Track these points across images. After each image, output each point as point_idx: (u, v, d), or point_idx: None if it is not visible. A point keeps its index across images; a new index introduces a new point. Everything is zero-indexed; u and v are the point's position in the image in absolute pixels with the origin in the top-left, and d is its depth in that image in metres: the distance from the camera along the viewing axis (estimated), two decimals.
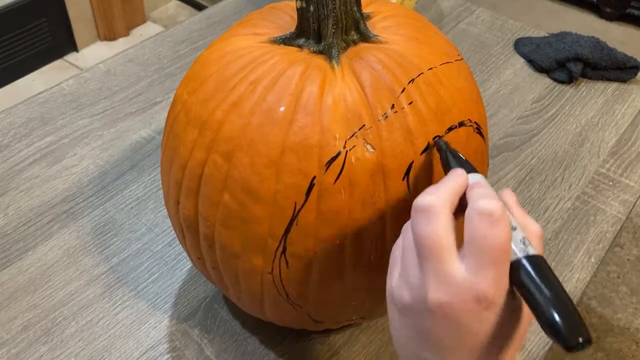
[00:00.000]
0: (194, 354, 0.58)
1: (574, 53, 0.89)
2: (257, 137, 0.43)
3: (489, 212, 0.34)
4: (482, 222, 0.34)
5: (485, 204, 0.34)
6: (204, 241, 0.48)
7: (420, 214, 0.35)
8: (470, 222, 0.34)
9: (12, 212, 0.71)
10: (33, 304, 0.62)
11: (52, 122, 0.82)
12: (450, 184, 0.37)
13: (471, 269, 0.34)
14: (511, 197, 0.40)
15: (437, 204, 0.35)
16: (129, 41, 2.16)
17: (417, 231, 0.35)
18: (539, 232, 0.38)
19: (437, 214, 0.35)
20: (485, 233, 0.33)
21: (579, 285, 0.65)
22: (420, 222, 0.35)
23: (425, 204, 0.35)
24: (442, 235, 0.34)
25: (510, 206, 0.39)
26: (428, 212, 0.35)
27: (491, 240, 0.33)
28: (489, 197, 0.35)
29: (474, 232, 0.34)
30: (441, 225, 0.35)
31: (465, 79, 0.49)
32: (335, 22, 0.46)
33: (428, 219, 0.35)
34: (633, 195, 0.75)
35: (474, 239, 0.34)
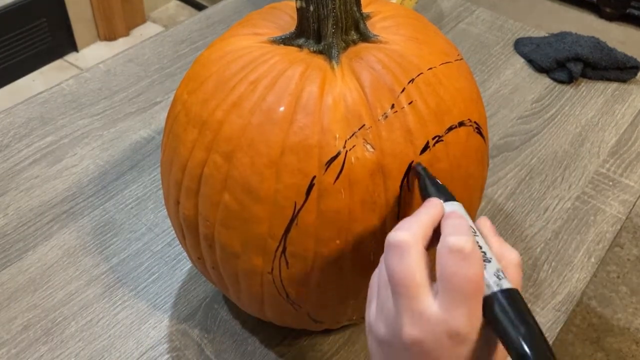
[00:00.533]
0: (194, 354, 0.58)
1: (574, 53, 0.89)
2: (257, 137, 0.43)
3: (458, 249, 0.34)
4: (452, 259, 0.34)
5: (455, 240, 0.34)
6: (204, 241, 0.48)
7: (393, 250, 0.35)
8: (441, 259, 0.34)
9: (12, 212, 0.71)
10: (33, 304, 0.62)
11: (52, 122, 0.82)
12: (423, 218, 0.37)
13: (444, 305, 0.34)
14: (487, 225, 0.39)
15: (409, 239, 0.35)
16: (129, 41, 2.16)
17: (390, 268, 0.35)
18: (517, 260, 0.37)
19: (409, 250, 0.35)
20: (456, 270, 0.34)
21: (579, 285, 0.65)
22: (393, 259, 0.35)
23: (398, 240, 0.35)
24: (414, 271, 0.35)
25: (486, 235, 0.39)
26: (400, 248, 0.35)
27: (462, 277, 0.33)
28: (460, 231, 0.35)
29: (444, 269, 0.34)
30: (413, 261, 0.35)
31: (465, 79, 0.49)
32: (335, 22, 0.46)
33: (400, 255, 0.35)
34: (633, 195, 0.75)
35: (444, 276, 0.34)
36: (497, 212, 0.72)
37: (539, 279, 0.65)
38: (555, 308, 0.63)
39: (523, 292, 0.63)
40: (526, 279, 0.65)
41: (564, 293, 0.64)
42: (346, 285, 0.47)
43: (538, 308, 0.62)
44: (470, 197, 0.49)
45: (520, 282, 0.37)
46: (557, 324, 0.61)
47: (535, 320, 0.33)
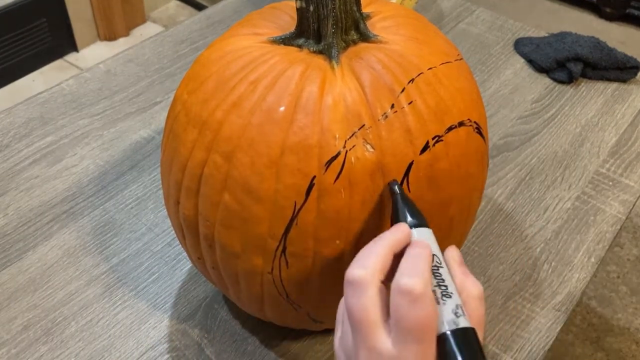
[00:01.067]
0: (194, 354, 0.58)
1: (574, 53, 0.89)
2: (257, 137, 0.43)
3: (408, 290, 0.34)
4: (402, 300, 0.34)
5: (407, 281, 0.34)
6: (204, 241, 0.48)
7: (350, 287, 0.36)
8: (393, 299, 0.35)
9: (12, 212, 0.71)
10: (33, 304, 0.62)
11: (52, 122, 0.82)
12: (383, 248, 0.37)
13: (396, 343, 0.34)
14: (454, 255, 0.40)
15: (365, 277, 0.36)
16: (129, 41, 2.16)
17: (348, 305, 0.36)
18: (478, 293, 0.38)
19: (366, 287, 0.36)
20: (406, 312, 0.34)
21: (578, 285, 0.65)
22: (350, 295, 0.36)
23: (355, 277, 0.36)
24: (369, 310, 0.35)
25: (451, 265, 0.39)
26: (357, 285, 0.36)
27: (411, 319, 0.34)
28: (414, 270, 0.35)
29: (395, 310, 0.35)
30: (369, 299, 0.35)
31: (465, 79, 0.49)
32: (335, 22, 0.46)
33: (356, 292, 0.36)
34: (633, 195, 0.75)
35: (395, 317, 0.34)
36: (497, 212, 0.72)
37: (539, 279, 0.65)
38: (555, 308, 0.63)
39: (523, 292, 0.64)
40: (526, 279, 0.65)
41: (564, 293, 0.64)
42: None
43: (538, 308, 0.62)
44: (470, 197, 0.49)
45: (481, 316, 0.37)
46: (557, 324, 0.61)
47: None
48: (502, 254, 0.68)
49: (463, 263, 0.40)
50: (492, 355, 0.59)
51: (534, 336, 0.60)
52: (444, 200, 0.46)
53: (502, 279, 0.65)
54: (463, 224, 0.50)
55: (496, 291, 0.64)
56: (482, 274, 0.66)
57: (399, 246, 0.38)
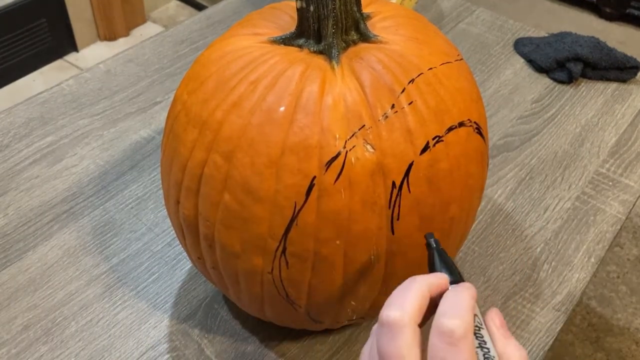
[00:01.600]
0: (194, 354, 0.58)
1: (574, 53, 0.89)
2: (257, 137, 0.43)
3: (449, 332, 0.33)
4: (441, 343, 0.33)
5: (447, 322, 0.33)
6: (204, 241, 0.48)
7: (385, 329, 0.34)
8: (431, 341, 0.33)
9: (12, 212, 0.71)
10: (33, 304, 0.62)
11: (52, 122, 0.82)
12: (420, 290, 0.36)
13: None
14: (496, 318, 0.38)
15: (402, 319, 0.34)
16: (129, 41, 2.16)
17: (381, 348, 0.34)
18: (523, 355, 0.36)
19: (402, 330, 0.34)
20: (443, 355, 0.33)
21: (578, 285, 0.65)
22: (384, 338, 0.34)
23: (391, 320, 0.34)
24: (404, 354, 0.33)
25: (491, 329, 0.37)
26: (393, 327, 0.34)
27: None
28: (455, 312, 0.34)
29: (432, 353, 0.33)
30: (405, 343, 0.34)
31: (465, 79, 0.49)
32: (335, 22, 0.46)
33: (392, 335, 0.34)
34: (633, 195, 0.75)
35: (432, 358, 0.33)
36: (497, 212, 0.72)
37: (539, 279, 0.65)
38: (555, 308, 0.63)
39: (523, 292, 0.64)
40: (526, 279, 0.65)
41: (563, 293, 0.64)
42: (346, 285, 0.47)
43: (538, 308, 0.62)
44: (470, 197, 0.49)
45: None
46: (557, 324, 0.61)
47: None
48: (502, 254, 0.68)
49: (505, 326, 0.37)
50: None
51: (534, 336, 0.60)
52: (444, 200, 0.46)
53: (502, 279, 0.65)
54: (463, 224, 0.51)
55: (496, 291, 0.64)
56: (482, 274, 0.66)
57: (436, 290, 0.37)
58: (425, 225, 0.46)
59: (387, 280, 0.48)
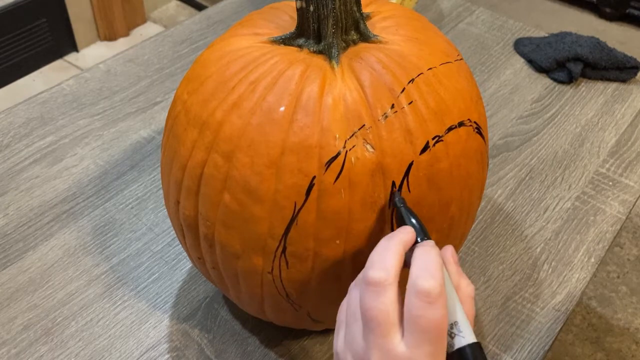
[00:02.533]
0: (194, 354, 0.58)
1: (574, 53, 0.89)
2: (257, 137, 0.43)
3: (426, 292, 0.35)
4: (419, 302, 0.35)
5: (424, 283, 0.35)
6: (204, 241, 0.48)
7: (370, 288, 0.36)
8: (409, 301, 0.36)
9: (12, 212, 0.71)
10: (33, 304, 0.62)
11: (52, 122, 0.82)
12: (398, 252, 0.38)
13: (410, 345, 0.35)
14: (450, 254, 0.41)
15: (387, 279, 0.36)
16: (129, 41, 2.16)
17: (366, 305, 0.36)
18: (471, 293, 0.39)
19: (386, 289, 0.36)
20: (422, 313, 0.35)
21: (578, 285, 0.65)
22: (369, 296, 0.36)
23: (375, 279, 0.36)
24: (389, 310, 0.36)
25: (447, 263, 0.40)
26: (377, 286, 0.36)
27: (427, 319, 0.35)
28: (429, 272, 0.36)
29: (411, 311, 0.35)
30: (388, 300, 0.36)
31: (465, 79, 0.49)
32: (335, 22, 0.46)
33: (377, 293, 0.36)
34: (633, 195, 0.75)
35: (411, 317, 0.35)
36: (497, 212, 0.72)
37: (539, 279, 0.65)
38: (555, 308, 0.63)
39: (523, 292, 0.64)
40: (526, 279, 0.65)
41: (563, 293, 0.64)
42: (346, 285, 0.47)
43: (538, 308, 0.62)
44: (470, 197, 0.49)
45: (473, 315, 0.39)
46: (557, 324, 0.61)
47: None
48: (502, 254, 0.68)
49: (457, 262, 0.41)
50: (492, 355, 0.59)
51: (534, 336, 0.60)
52: (444, 200, 0.46)
53: (502, 279, 0.65)
54: (463, 224, 0.51)
55: (496, 291, 0.64)
56: (482, 274, 0.66)
57: (407, 246, 0.39)
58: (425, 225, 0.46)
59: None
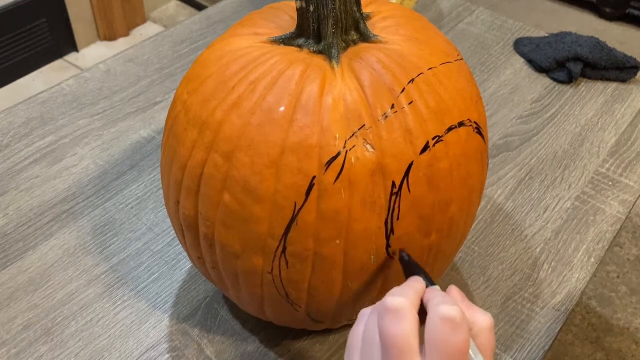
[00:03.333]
0: (194, 353, 0.58)
1: (574, 53, 0.89)
2: (257, 137, 0.43)
3: (451, 318, 0.36)
4: (444, 327, 0.36)
5: (448, 310, 0.36)
6: (204, 241, 0.48)
7: (391, 314, 0.37)
8: (433, 326, 0.36)
9: (12, 212, 0.71)
10: (33, 304, 0.62)
11: (52, 122, 0.82)
12: (416, 287, 0.40)
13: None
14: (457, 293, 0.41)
15: (407, 305, 0.37)
16: (129, 41, 2.16)
17: (387, 330, 0.37)
18: (489, 324, 0.39)
19: (407, 315, 0.37)
20: (447, 338, 0.35)
21: (578, 285, 0.65)
22: (391, 322, 0.37)
23: (396, 305, 0.37)
24: (410, 336, 0.36)
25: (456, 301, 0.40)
26: (398, 312, 0.37)
27: (452, 345, 0.35)
28: (450, 303, 0.37)
29: (435, 337, 0.36)
30: (409, 326, 0.37)
31: (465, 79, 0.49)
32: (335, 22, 0.46)
33: (398, 319, 0.37)
34: (633, 195, 0.75)
35: (435, 342, 0.36)
36: (497, 212, 0.72)
37: (538, 278, 0.65)
38: (555, 308, 0.63)
39: (523, 292, 0.64)
40: (526, 279, 0.65)
41: (563, 293, 0.64)
42: (346, 285, 0.47)
43: (538, 308, 0.62)
44: (470, 197, 0.49)
45: (493, 346, 0.39)
46: (557, 324, 0.61)
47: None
48: (502, 254, 0.68)
49: (465, 298, 0.41)
50: None
51: (534, 336, 0.60)
52: (444, 200, 0.46)
53: (502, 279, 0.65)
54: (463, 224, 0.51)
55: (496, 291, 0.64)
56: (482, 274, 0.66)
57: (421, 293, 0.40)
58: (425, 225, 0.46)
59: (387, 280, 0.48)
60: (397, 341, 0.36)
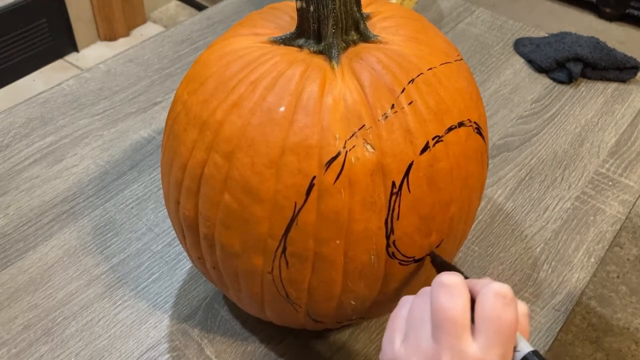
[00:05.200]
0: (194, 353, 0.58)
1: (574, 53, 0.89)
2: (257, 137, 0.43)
3: (504, 294, 0.37)
4: (497, 303, 0.37)
5: (501, 286, 0.37)
6: (204, 241, 0.48)
7: (446, 290, 0.38)
8: (486, 302, 0.37)
9: (12, 212, 0.71)
10: (33, 304, 0.62)
11: (53, 122, 0.82)
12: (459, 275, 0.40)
13: (482, 346, 0.36)
14: None
15: (462, 283, 0.38)
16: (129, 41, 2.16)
17: (441, 304, 0.38)
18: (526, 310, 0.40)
19: (461, 291, 0.38)
20: (500, 314, 0.36)
21: (578, 285, 0.65)
22: (445, 297, 0.38)
23: (451, 282, 0.38)
24: (464, 311, 0.37)
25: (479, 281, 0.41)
26: (453, 289, 0.38)
27: (504, 321, 0.36)
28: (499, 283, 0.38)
29: (488, 313, 0.37)
30: (463, 301, 0.38)
31: (465, 79, 0.49)
32: (335, 22, 0.46)
33: (452, 295, 0.38)
34: (633, 195, 0.75)
35: (487, 318, 0.37)
36: (497, 212, 0.72)
37: (538, 278, 0.65)
38: (554, 308, 0.63)
39: (523, 292, 0.64)
40: (526, 279, 0.65)
41: (563, 293, 0.64)
42: (346, 285, 0.47)
43: (538, 308, 0.62)
44: (470, 197, 0.49)
45: (528, 331, 0.40)
46: (556, 323, 0.61)
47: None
48: (502, 254, 0.68)
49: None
50: None
51: (533, 336, 0.60)
52: (444, 200, 0.46)
53: (502, 279, 0.65)
54: (463, 224, 0.51)
55: None
56: (482, 274, 0.66)
57: None
58: (425, 225, 0.46)
59: (387, 280, 0.48)
60: (452, 314, 0.37)
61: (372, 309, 0.52)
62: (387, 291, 0.49)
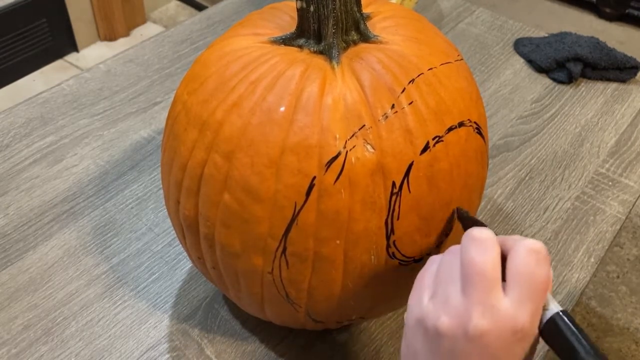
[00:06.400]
0: (194, 353, 0.58)
1: (574, 53, 0.89)
2: (257, 137, 0.43)
3: (537, 250, 0.36)
4: (530, 259, 0.36)
5: (534, 243, 0.37)
6: (204, 241, 0.48)
7: (476, 244, 0.37)
8: (519, 259, 0.36)
9: (12, 212, 0.71)
10: (33, 304, 0.62)
11: (53, 122, 0.82)
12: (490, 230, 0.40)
13: (514, 301, 0.36)
14: None
15: (493, 237, 0.38)
16: (129, 41, 2.16)
17: (473, 259, 0.37)
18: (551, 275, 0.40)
19: (492, 245, 0.37)
20: (533, 270, 0.36)
21: (578, 285, 0.65)
22: (476, 251, 0.37)
23: (483, 236, 0.38)
24: (494, 265, 0.37)
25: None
26: (484, 243, 0.37)
27: (537, 276, 0.36)
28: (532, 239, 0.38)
29: (521, 268, 0.36)
30: (494, 257, 0.37)
31: (465, 79, 0.49)
32: (335, 22, 0.46)
33: (484, 249, 0.37)
34: (633, 195, 0.75)
35: (521, 273, 0.36)
36: (497, 212, 0.72)
37: None
38: None
39: None
40: None
41: (563, 293, 0.64)
42: (346, 285, 0.47)
43: None
44: (470, 197, 0.49)
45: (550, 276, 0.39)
46: None
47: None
48: None
49: None
50: None
51: None
52: (444, 200, 0.46)
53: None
54: None
55: None
56: None
57: None
58: (426, 225, 0.46)
59: (386, 280, 0.48)
60: (483, 268, 0.36)
61: (372, 309, 0.52)
62: (387, 291, 0.49)
